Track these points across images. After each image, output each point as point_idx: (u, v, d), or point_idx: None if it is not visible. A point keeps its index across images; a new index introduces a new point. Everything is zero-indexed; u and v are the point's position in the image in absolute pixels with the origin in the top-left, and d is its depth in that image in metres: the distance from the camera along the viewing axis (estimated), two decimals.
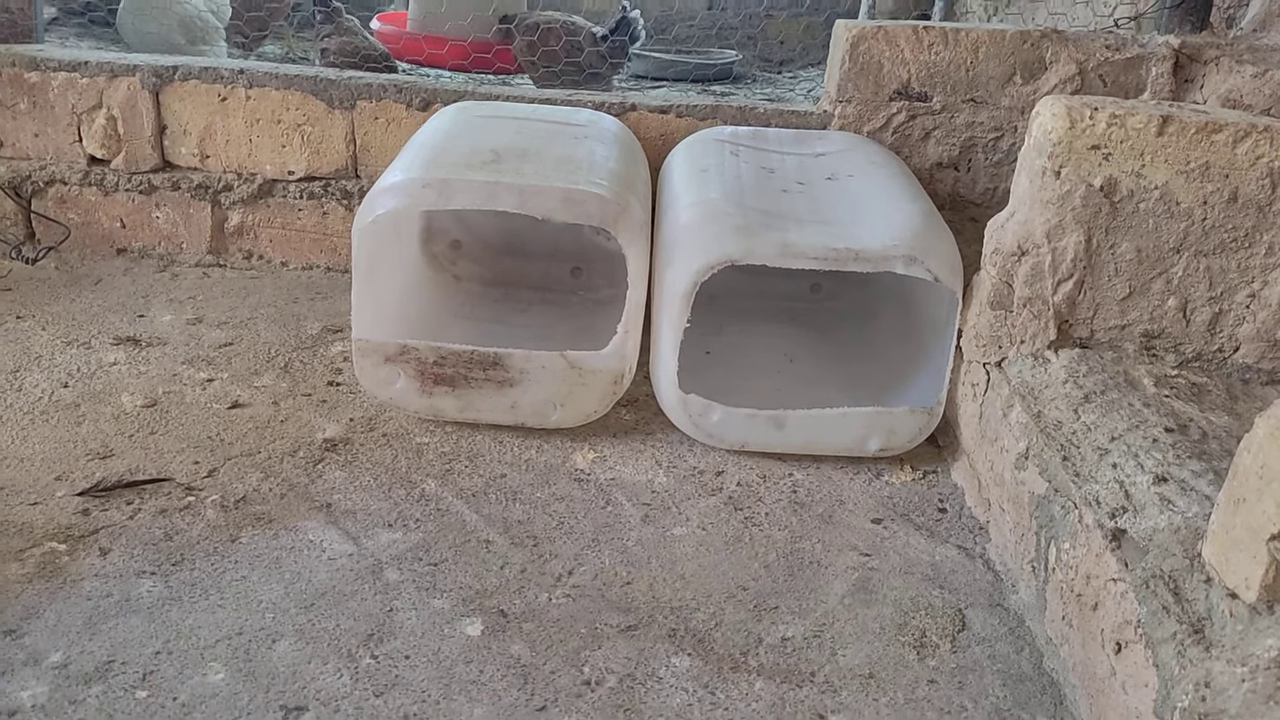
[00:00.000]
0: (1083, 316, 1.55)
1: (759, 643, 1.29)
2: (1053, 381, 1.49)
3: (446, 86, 2.31)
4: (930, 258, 1.60)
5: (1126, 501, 1.20)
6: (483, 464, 1.64)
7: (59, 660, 1.17)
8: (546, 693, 1.18)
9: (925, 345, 1.79)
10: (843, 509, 1.59)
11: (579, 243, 2.20)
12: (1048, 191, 1.50)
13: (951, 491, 1.66)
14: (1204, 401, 1.41)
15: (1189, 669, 0.97)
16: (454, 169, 1.68)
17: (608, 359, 1.68)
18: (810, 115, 2.24)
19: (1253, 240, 1.48)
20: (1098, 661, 1.14)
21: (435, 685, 1.18)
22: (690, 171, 1.91)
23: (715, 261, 1.59)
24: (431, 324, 1.91)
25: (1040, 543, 1.33)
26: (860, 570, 1.44)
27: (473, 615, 1.30)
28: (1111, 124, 1.45)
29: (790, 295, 2.14)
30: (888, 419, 1.67)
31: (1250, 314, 1.51)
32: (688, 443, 1.73)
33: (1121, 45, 2.07)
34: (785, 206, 1.74)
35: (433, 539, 1.44)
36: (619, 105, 2.25)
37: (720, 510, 1.56)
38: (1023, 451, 1.43)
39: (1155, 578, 1.08)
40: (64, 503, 1.46)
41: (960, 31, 2.11)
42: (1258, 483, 0.97)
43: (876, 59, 2.14)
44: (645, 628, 1.30)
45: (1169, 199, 1.47)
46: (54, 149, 2.33)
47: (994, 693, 1.23)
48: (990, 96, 2.13)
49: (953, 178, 2.21)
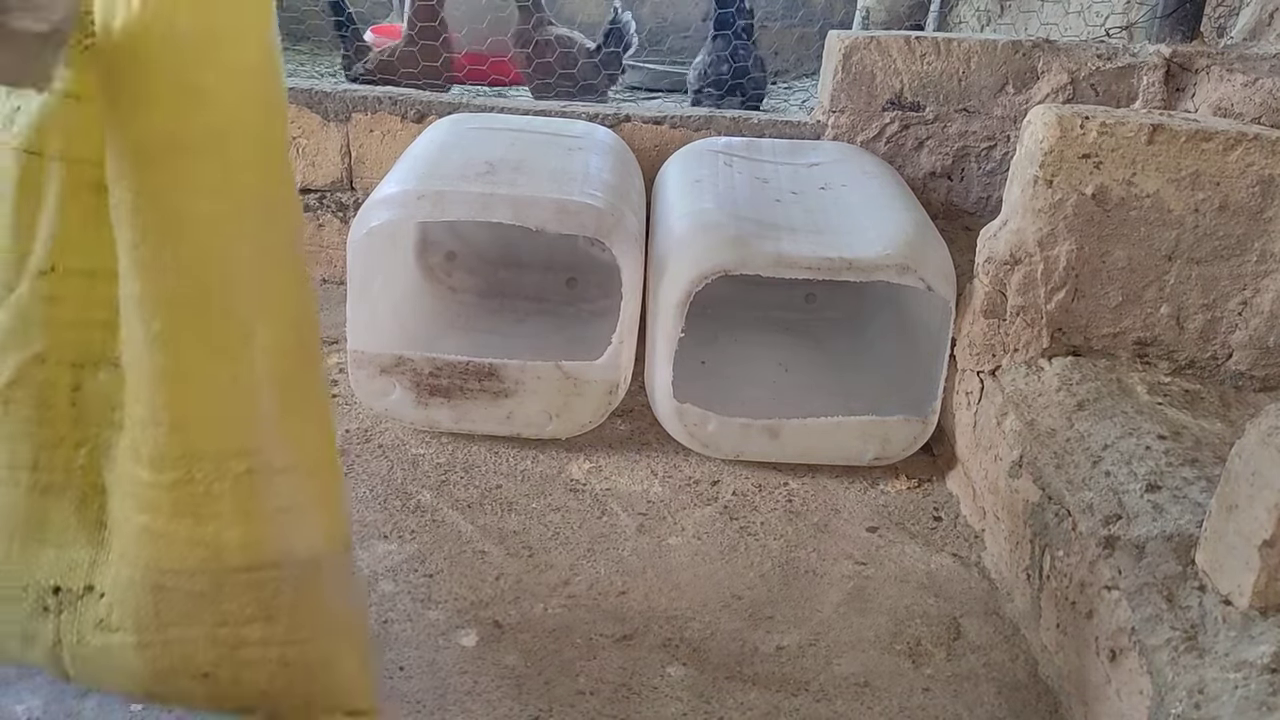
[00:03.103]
0: (1076, 324, 1.55)
1: (754, 652, 1.29)
2: (1046, 389, 1.49)
3: (441, 99, 2.32)
4: (924, 267, 1.60)
5: (1120, 509, 1.20)
6: (478, 475, 1.64)
7: None
8: (541, 703, 1.18)
9: (919, 354, 1.79)
10: (838, 518, 1.59)
11: (574, 254, 2.21)
12: (1040, 200, 1.51)
13: (946, 500, 1.66)
14: (1197, 409, 1.42)
15: (1183, 676, 0.97)
16: (449, 180, 1.68)
17: (603, 369, 1.68)
18: (804, 125, 2.25)
19: (1244, 248, 1.48)
20: (1092, 669, 1.14)
21: (430, 696, 1.18)
22: (684, 182, 1.91)
23: (709, 271, 1.60)
24: (427, 335, 1.92)
25: (1034, 551, 1.33)
26: (855, 579, 1.45)
27: (468, 626, 1.30)
28: (1102, 133, 1.46)
29: (784, 305, 2.14)
30: (882, 428, 1.68)
31: (1242, 321, 1.51)
32: (683, 452, 1.73)
33: (1113, 55, 2.08)
34: (779, 216, 1.75)
35: (428, 550, 1.44)
36: (613, 116, 2.26)
37: (715, 520, 1.57)
38: (1016, 459, 1.43)
39: (1149, 585, 1.08)
40: None
41: (953, 42, 2.12)
42: (1249, 489, 0.97)
43: (869, 69, 2.15)
44: (640, 637, 1.30)
45: (1160, 207, 1.48)
46: None
47: (989, 701, 1.23)
48: (983, 106, 2.14)
49: (946, 187, 2.22)
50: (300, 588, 0.97)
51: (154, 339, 0.91)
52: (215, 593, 0.95)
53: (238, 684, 0.99)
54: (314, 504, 0.98)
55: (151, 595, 0.95)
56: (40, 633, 1.01)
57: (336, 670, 1.02)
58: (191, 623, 0.96)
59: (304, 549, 0.97)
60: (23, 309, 0.95)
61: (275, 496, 0.95)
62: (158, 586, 0.95)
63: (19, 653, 1.03)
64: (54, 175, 0.93)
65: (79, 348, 0.96)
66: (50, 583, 0.99)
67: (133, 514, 0.95)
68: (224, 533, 0.94)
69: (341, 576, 1.02)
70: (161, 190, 0.89)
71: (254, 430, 0.94)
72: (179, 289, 0.90)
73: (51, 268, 0.94)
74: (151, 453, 0.93)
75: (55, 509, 0.98)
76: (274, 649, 0.98)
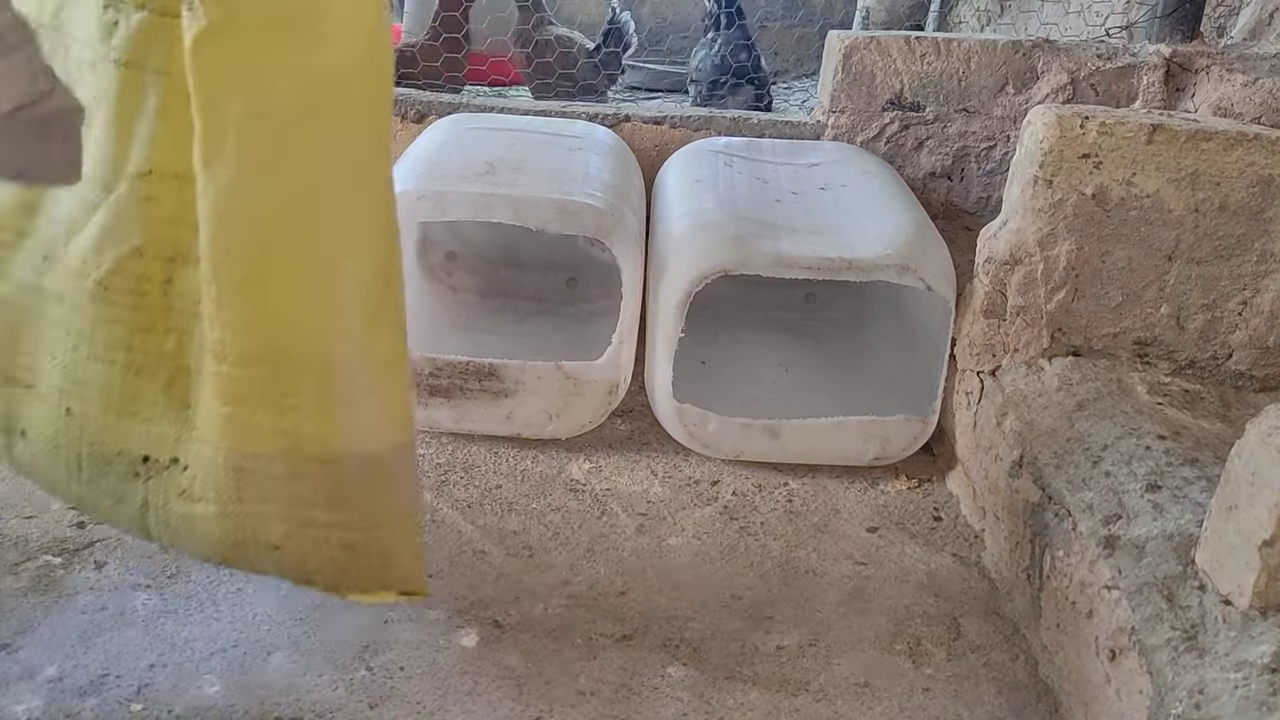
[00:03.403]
0: (1076, 324, 1.55)
1: (754, 652, 1.29)
2: (1046, 389, 1.49)
3: (441, 99, 2.32)
4: (923, 267, 1.60)
5: (1120, 509, 1.20)
6: (478, 475, 1.64)
7: (54, 674, 1.17)
8: (542, 703, 1.18)
9: (919, 354, 1.79)
10: (838, 518, 1.59)
11: (574, 254, 2.20)
12: (1040, 200, 1.51)
13: (946, 500, 1.66)
14: (1197, 409, 1.42)
15: (1183, 676, 0.97)
16: (449, 181, 1.68)
17: (603, 369, 1.68)
18: (804, 126, 2.25)
19: (1244, 247, 1.48)
20: (1092, 669, 1.14)
21: (430, 697, 1.18)
22: (684, 182, 1.91)
23: (709, 271, 1.60)
24: (427, 335, 1.91)
25: (1034, 551, 1.33)
26: (855, 579, 1.45)
27: (468, 626, 1.30)
28: (1102, 133, 1.46)
29: (784, 305, 2.14)
30: (882, 428, 1.68)
31: (1243, 321, 1.51)
32: (683, 452, 1.74)
33: (1113, 54, 2.08)
34: (779, 216, 1.75)
35: (428, 550, 1.44)
36: (613, 117, 2.26)
37: (715, 520, 1.57)
38: (1016, 459, 1.43)
39: (1148, 585, 1.08)
40: (59, 516, 1.46)
41: (952, 42, 2.12)
42: (1249, 489, 0.97)
43: (869, 69, 2.15)
44: (640, 638, 1.30)
45: (1160, 207, 1.48)
46: None
47: (989, 701, 1.23)
48: (983, 106, 2.14)
49: (946, 187, 2.22)
50: (365, 480, 1.08)
51: (256, 250, 1.00)
52: (291, 477, 1.05)
53: (304, 558, 1.09)
54: (384, 406, 1.09)
55: (233, 475, 1.05)
56: (130, 495, 1.11)
57: (394, 556, 1.11)
58: (267, 500, 1.06)
59: (370, 447, 1.08)
60: (121, 208, 1.04)
61: (348, 400, 1.05)
62: (239, 468, 1.05)
63: (109, 512, 1.14)
64: (151, 86, 1.01)
65: (171, 244, 1.05)
66: (140, 452, 1.09)
67: (217, 404, 1.04)
68: (302, 425, 1.03)
69: (403, 472, 1.13)
70: (278, 120, 0.97)
71: (333, 341, 1.03)
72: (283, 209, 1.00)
73: (150, 170, 1.03)
74: (240, 350, 1.02)
75: (146, 387, 1.08)
76: (338, 532, 1.08)
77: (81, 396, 1.08)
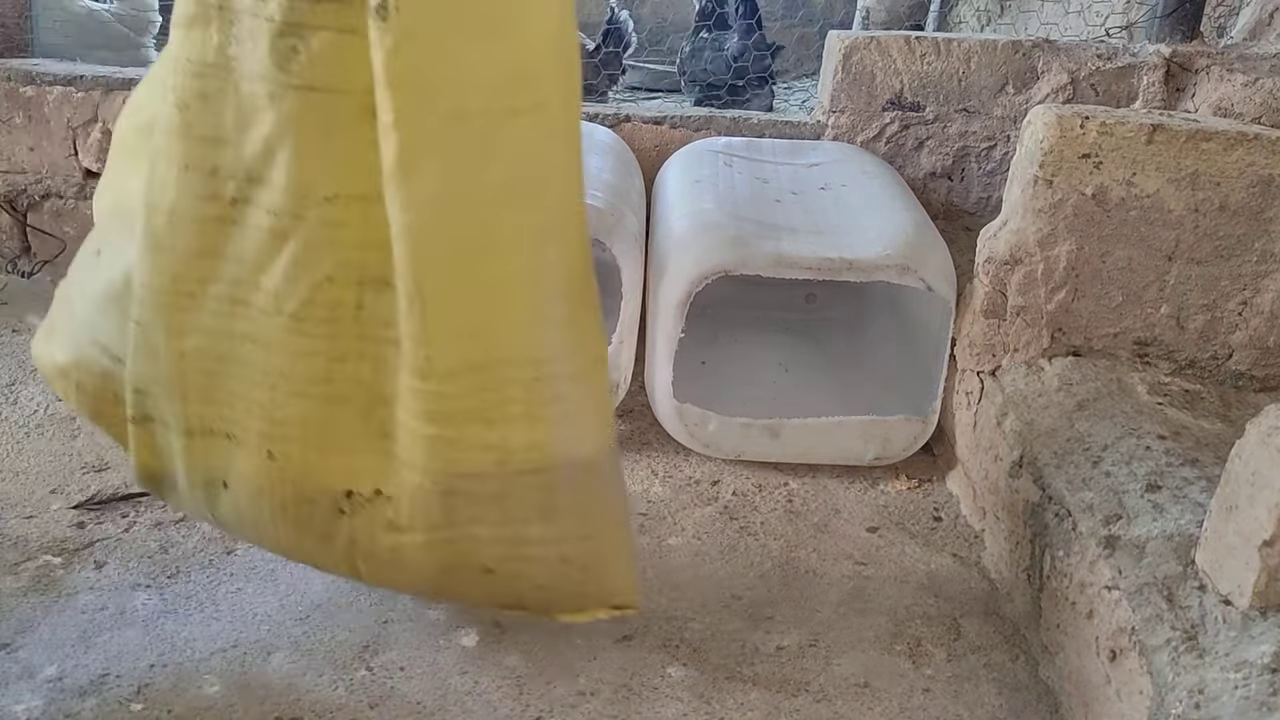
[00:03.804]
0: (1076, 324, 1.56)
1: (754, 652, 1.29)
2: (1046, 389, 1.49)
3: None
4: (924, 267, 1.60)
5: (1120, 509, 1.20)
6: None
7: (54, 674, 1.17)
8: (542, 704, 1.18)
9: (919, 354, 1.79)
10: (838, 518, 1.59)
11: None
12: (1040, 200, 1.51)
13: (946, 500, 1.66)
14: (1197, 409, 1.42)
15: (1183, 676, 0.97)
16: None
17: None
18: (804, 126, 2.25)
19: (1244, 247, 1.48)
20: (1092, 669, 1.14)
21: (431, 697, 1.18)
22: (684, 182, 1.91)
23: (709, 271, 1.60)
24: None
25: (1034, 551, 1.33)
26: (855, 579, 1.45)
27: (468, 626, 1.30)
28: (1102, 133, 1.46)
29: (785, 305, 2.14)
30: (882, 428, 1.68)
31: (1243, 321, 1.51)
32: (683, 452, 1.73)
33: (1113, 54, 2.08)
34: (779, 217, 1.75)
35: None
36: (613, 116, 2.26)
37: (716, 520, 1.57)
38: (1016, 460, 1.43)
39: (1149, 585, 1.08)
40: (59, 516, 1.46)
41: (952, 42, 2.12)
42: (1249, 489, 0.97)
43: (869, 69, 2.15)
44: (640, 638, 1.30)
45: (1160, 207, 1.48)
46: (49, 163, 2.33)
47: (989, 701, 1.23)
48: (983, 106, 2.14)
49: (946, 187, 2.22)
50: (577, 488, 1.05)
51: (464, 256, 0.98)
52: (501, 495, 1.02)
53: (517, 579, 1.07)
54: (589, 408, 1.06)
55: (441, 499, 1.03)
56: (336, 533, 1.08)
57: (608, 566, 1.09)
58: (478, 522, 1.03)
59: (581, 451, 1.05)
60: (310, 235, 1.01)
61: (558, 402, 1.02)
62: (448, 491, 1.02)
63: (315, 553, 1.12)
64: (332, 108, 0.99)
65: (359, 268, 1.02)
66: (343, 487, 1.06)
67: (421, 426, 1.01)
68: (512, 437, 1.01)
69: (612, 476, 1.10)
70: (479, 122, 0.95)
71: (543, 340, 1.01)
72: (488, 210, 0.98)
73: (336, 194, 1.00)
74: (449, 364, 0.99)
75: (345, 418, 1.05)
76: (553, 547, 1.05)
77: (282, 436, 1.05)
